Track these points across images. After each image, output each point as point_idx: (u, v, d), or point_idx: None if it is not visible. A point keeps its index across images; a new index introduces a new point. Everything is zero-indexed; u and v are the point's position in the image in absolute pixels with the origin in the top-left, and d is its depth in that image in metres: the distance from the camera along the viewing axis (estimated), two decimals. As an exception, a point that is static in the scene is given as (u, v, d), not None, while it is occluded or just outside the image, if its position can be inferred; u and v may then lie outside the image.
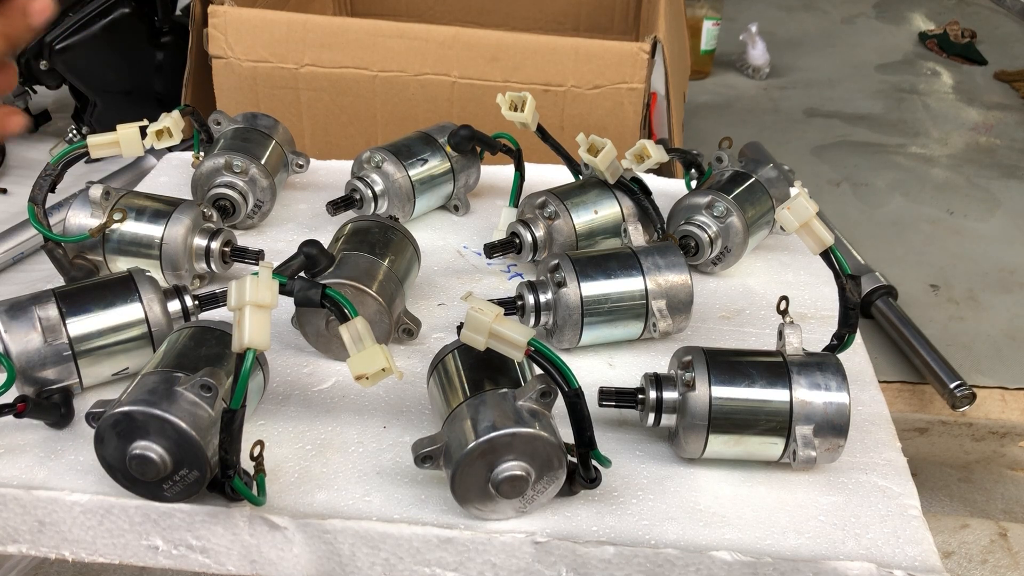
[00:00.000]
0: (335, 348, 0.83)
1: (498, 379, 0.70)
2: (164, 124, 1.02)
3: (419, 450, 0.67)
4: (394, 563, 0.68)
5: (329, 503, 0.69)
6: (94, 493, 0.69)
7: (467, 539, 0.67)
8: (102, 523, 0.69)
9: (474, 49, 1.12)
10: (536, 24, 1.61)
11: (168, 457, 0.65)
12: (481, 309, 0.65)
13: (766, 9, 2.51)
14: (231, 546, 0.69)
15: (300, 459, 0.74)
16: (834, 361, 0.73)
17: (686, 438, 0.72)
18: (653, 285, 0.84)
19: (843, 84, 2.09)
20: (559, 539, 0.67)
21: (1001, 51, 2.28)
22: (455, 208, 1.10)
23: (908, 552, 0.68)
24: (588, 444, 0.66)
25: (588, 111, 1.12)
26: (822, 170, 1.66)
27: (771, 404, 0.70)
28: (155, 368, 0.69)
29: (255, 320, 0.61)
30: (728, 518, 0.70)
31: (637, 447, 0.77)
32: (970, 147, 1.81)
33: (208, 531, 0.69)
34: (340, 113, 1.21)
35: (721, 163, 1.03)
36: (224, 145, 1.03)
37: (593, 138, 0.93)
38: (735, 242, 0.96)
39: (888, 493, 0.73)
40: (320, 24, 1.22)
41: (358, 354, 0.64)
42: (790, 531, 0.69)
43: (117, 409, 0.65)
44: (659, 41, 1.10)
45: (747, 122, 1.87)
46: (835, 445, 0.71)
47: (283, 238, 1.04)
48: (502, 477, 0.65)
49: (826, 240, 0.76)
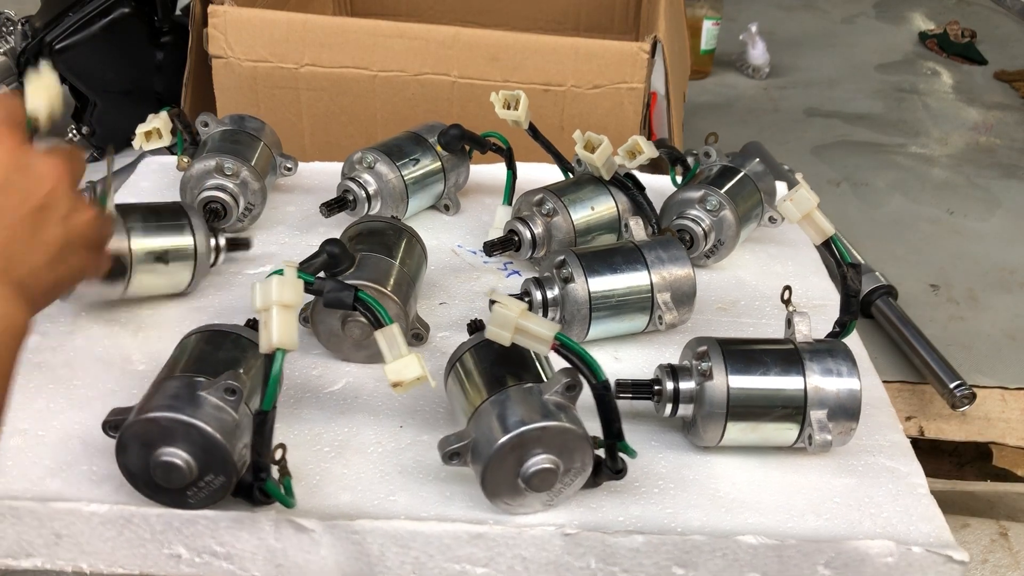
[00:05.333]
0: (346, 349, 0.82)
1: (521, 374, 0.70)
2: (153, 125, 1.02)
3: (446, 447, 0.67)
4: (424, 561, 0.68)
5: (355, 504, 0.69)
6: (113, 503, 0.68)
7: (497, 534, 0.68)
8: (122, 533, 0.68)
9: (474, 49, 1.13)
10: (536, 24, 1.62)
11: (194, 463, 0.64)
12: (507, 305, 0.66)
13: (766, 9, 2.51)
14: (256, 551, 0.68)
15: (320, 461, 0.73)
16: (843, 347, 0.75)
17: (705, 427, 0.73)
18: (658, 279, 0.85)
19: (843, 84, 2.10)
20: (588, 530, 0.68)
21: (1001, 51, 2.29)
22: (445, 208, 1.10)
23: (922, 529, 0.70)
24: (616, 435, 0.67)
25: (588, 111, 1.13)
26: (822, 170, 1.67)
27: (786, 391, 0.72)
28: (173, 373, 0.68)
29: (282, 320, 0.61)
30: (748, 503, 0.72)
31: (652, 438, 0.78)
32: (970, 147, 1.82)
33: (233, 537, 0.68)
34: (340, 113, 1.21)
35: (709, 158, 1.05)
36: (214, 147, 1.01)
37: (589, 135, 0.95)
38: (728, 235, 0.98)
39: (896, 473, 0.76)
40: (320, 24, 1.21)
41: (394, 361, 0.64)
42: (808, 513, 0.71)
43: (141, 416, 0.64)
44: (659, 41, 1.11)
45: (747, 122, 1.88)
46: (847, 429, 0.73)
47: (274, 240, 1.03)
48: (532, 471, 0.66)
49: (828, 230, 0.78)
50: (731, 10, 2.20)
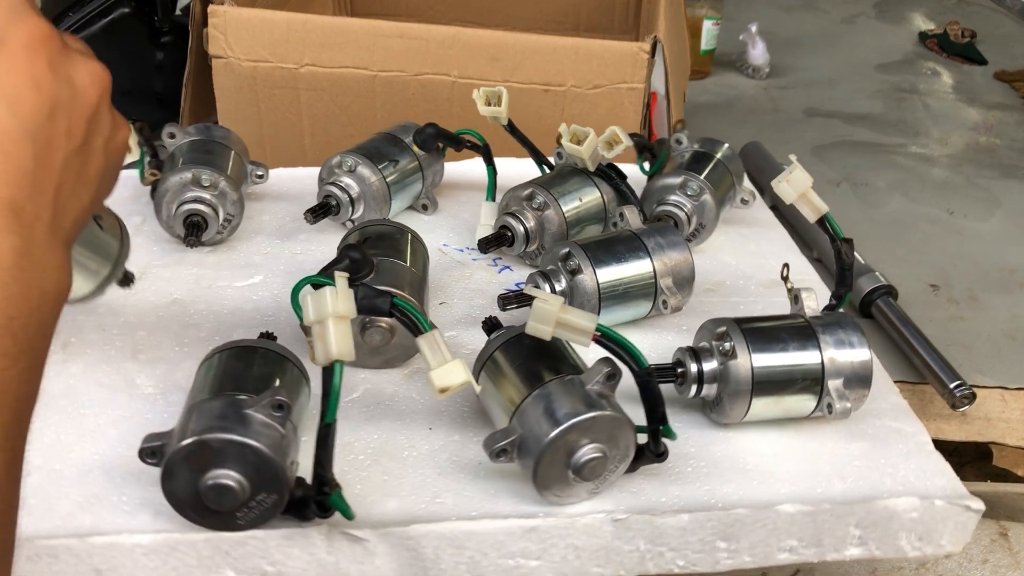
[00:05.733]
0: (361, 355, 0.82)
1: (557, 367, 0.71)
2: (122, 140, 0.97)
3: (493, 445, 0.68)
4: (478, 559, 0.69)
5: (403, 509, 0.69)
6: (155, 532, 0.66)
7: (550, 526, 0.69)
8: (167, 562, 0.66)
9: (474, 49, 1.12)
10: (536, 24, 1.61)
11: (247, 483, 0.63)
12: (547, 300, 0.67)
13: (766, 9, 2.49)
14: (307, 567, 0.67)
15: (357, 470, 0.72)
16: (850, 319, 0.79)
17: (731, 404, 0.76)
18: (660, 265, 0.87)
19: (843, 84, 2.08)
20: (637, 514, 0.69)
21: (1001, 51, 2.28)
22: (423, 207, 1.09)
23: (938, 483, 0.75)
24: (660, 420, 0.69)
25: (588, 111, 1.14)
26: (822, 170, 1.66)
27: (805, 364, 0.76)
28: (210, 394, 0.66)
29: (339, 331, 0.60)
30: (777, 474, 0.75)
31: (673, 419, 0.80)
32: (970, 147, 1.81)
33: (284, 555, 0.67)
34: (340, 113, 1.19)
35: (680, 144, 1.08)
36: (188, 159, 0.98)
37: (575, 127, 0.96)
38: (708, 218, 1.02)
39: (903, 433, 0.80)
40: (320, 24, 1.19)
41: (439, 367, 0.64)
42: (834, 478, 0.75)
43: (189, 439, 0.62)
44: (659, 41, 1.13)
45: (747, 122, 1.86)
46: (861, 395, 0.77)
47: (257, 251, 1.01)
48: (583, 461, 0.67)
49: (822, 208, 0.82)
50: (731, 10, 2.18)
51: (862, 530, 0.72)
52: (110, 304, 0.90)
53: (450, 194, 1.14)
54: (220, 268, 0.97)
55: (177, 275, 0.95)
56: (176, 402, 0.78)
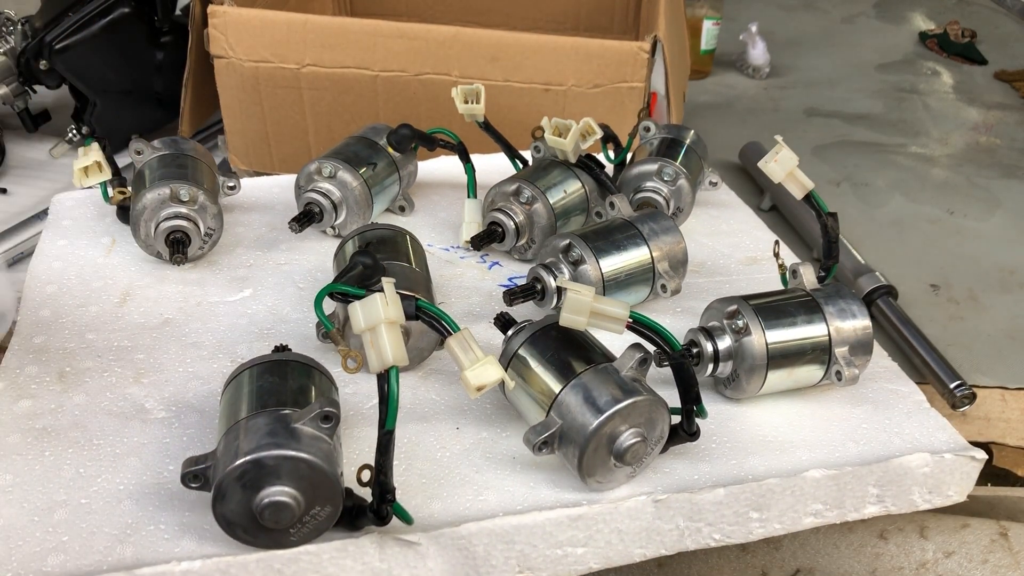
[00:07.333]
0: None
1: (588, 356, 0.72)
2: (93, 159, 0.94)
3: (535, 439, 0.69)
4: (528, 552, 0.69)
5: (449, 510, 0.69)
6: (204, 557, 0.64)
7: (595, 513, 0.70)
8: (218, 586, 0.64)
9: (474, 49, 1.11)
10: (536, 24, 1.60)
11: (302, 498, 0.62)
12: (579, 291, 0.68)
13: (766, 9, 2.47)
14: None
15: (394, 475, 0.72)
16: (849, 291, 0.83)
17: (748, 379, 0.79)
18: (656, 250, 0.90)
19: (843, 84, 2.07)
20: (675, 492, 0.71)
21: (1001, 51, 2.28)
22: (400, 209, 1.09)
23: (940, 438, 0.79)
24: (695, 400, 0.71)
25: (588, 110, 1.14)
26: (822, 170, 1.65)
27: (814, 336, 0.79)
28: (251, 412, 0.65)
29: (392, 337, 0.60)
30: (795, 442, 0.78)
31: (686, 399, 0.82)
32: (970, 147, 1.80)
33: (336, 566, 0.66)
34: (343, 112, 1.16)
35: (649, 132, 1.10)
36: (161, 174, 0.95)
37: (556, 120, 0.97)
38: (685, 202, 1.05)
39: (899, 394, 0.85)
40: (320, 24, 1.17)
41: (472, 367, 0.64)
42: (848, 442, 0.78)
43: (242, 459, 0.60)
44: (659, 40, 1.14)
45: (747, 122, 1.85)
46: (864, 362, 0.81)
47: (240, 263, 0.99)
48: (625, 446, 0.68)
49: (808, 185, 0.86)
50: (731, 10, 2.17)
51: (880, 488, 0.76)
52: (98, 329, 0.87)
53: (424, 194, 1.14)
54: (206, 284, 0.94)
55: (163, 294, 0.92)
56: (192, 424, 0.76)
